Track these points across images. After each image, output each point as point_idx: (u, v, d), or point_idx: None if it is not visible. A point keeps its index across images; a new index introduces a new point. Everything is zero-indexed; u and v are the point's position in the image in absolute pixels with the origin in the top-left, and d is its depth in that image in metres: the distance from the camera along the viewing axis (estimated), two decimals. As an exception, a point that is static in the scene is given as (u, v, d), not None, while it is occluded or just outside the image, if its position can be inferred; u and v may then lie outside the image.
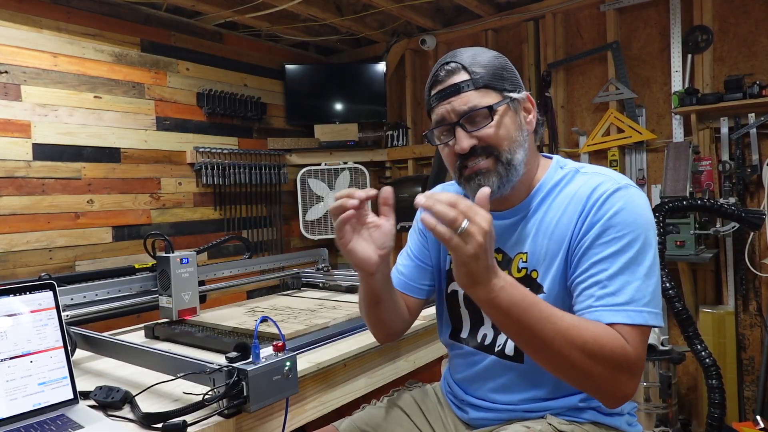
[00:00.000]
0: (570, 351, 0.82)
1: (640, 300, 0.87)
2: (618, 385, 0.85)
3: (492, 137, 0.97)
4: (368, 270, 0.97)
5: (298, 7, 2.99)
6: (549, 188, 1.02)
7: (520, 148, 0.99)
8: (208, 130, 3.25)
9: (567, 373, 0.86)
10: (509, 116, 0.99)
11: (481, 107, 0.97)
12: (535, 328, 0.82)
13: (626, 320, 0.85)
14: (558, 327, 0.82)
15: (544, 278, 0.99)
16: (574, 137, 3.14)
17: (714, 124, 2.68)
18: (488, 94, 0.98)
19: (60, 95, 2.58)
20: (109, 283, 1.54)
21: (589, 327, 0.84)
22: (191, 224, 3.14)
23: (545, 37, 3.18)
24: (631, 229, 0.89)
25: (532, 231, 1.01)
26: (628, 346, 0.84)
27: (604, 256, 0.90)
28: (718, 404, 2.23)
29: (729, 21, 2.67)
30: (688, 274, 2.69)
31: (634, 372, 0.85)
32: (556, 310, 0.84)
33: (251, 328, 1.41)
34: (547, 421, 0.99)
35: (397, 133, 3.73)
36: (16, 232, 2.42)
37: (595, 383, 0.85)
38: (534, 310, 0.82)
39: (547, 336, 0.82)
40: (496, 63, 1.01)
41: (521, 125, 1.01)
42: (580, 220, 0.94)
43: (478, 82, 0.98)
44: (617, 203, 0.91)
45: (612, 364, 0.83)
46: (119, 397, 1.01)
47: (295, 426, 1.17)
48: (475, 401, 1.09)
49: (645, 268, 0.89)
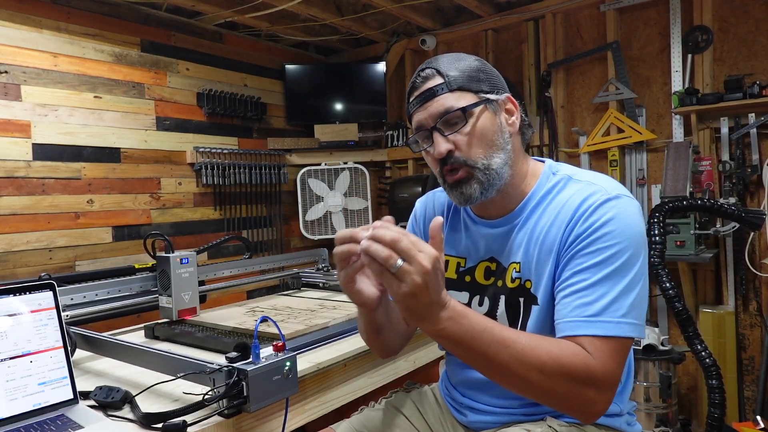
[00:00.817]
0: (527, 373, 0.81)
1: (616, 311, 0.85)
2: (585, 402, 0.83)
3: (468, 141, 0.96)
4: (371, 307, 0.93)
5: (298, 7, 2.99)
6: (541, 196, 1.01)
7: (499, 151, 0.98)
8: (208, 130, 3.25)
9: (529, 393, 0.85)
10: (486, 117, 0.98)
11: (455, 109, 0.96)
12: (488, 355, 0.81)
13: (596, 332, 0.84)
14: (512, 351, 0.81)
15: (537, 289, 0.98)
16: (574, 137, 3.14)
17: (714, 124, 2.68)
18: (463, 96, 0.97)
19: (60, 95, 2.58)
20: (109, 283, 1.54)
21: (546, 346, 0.83)
22: (191, 224, 3.14)
23: (545, 37, 3.18)
24: (618, 241, 0.88)
25: (524, 240, 1.00)
26: (591, 360, 0.83)
27: (587, 266, 0.89)
28: (718, 404, 2.23)
29: (729, 21, 2.67)
30: (688, 274, 2.69)
31: (602, 387, 0.83)
32: (512, 332, 0.83)
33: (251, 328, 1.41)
34: (547, 424, 0.99)
35: (397, 133, 3.73)
36: (16, 232, 2.42)
37: (560, 401, 0.84)
38: (485, 337, 0.81)
39: (502, 360, 0.81)
40: (472, 65, 1.00)
41: (501, 127, 1.00)
42: (568, 229, 0.93)
43: (452, 85, 0.97)
44: (606, 213, 0.90)
45: (574, 381, 0.82)
46: (119, 397, 1.01)
47: (295, 426, 1.17)
48: (473, 404, 1.09)
49: (627, 280, 0.87)
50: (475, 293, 1.08)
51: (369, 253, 0.76)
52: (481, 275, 1.07)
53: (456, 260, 1.12)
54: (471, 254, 1.09)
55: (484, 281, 1.07)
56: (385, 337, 1.07)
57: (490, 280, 1.05)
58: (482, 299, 1.06)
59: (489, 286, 1.05)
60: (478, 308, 1.07)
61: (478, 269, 1.07)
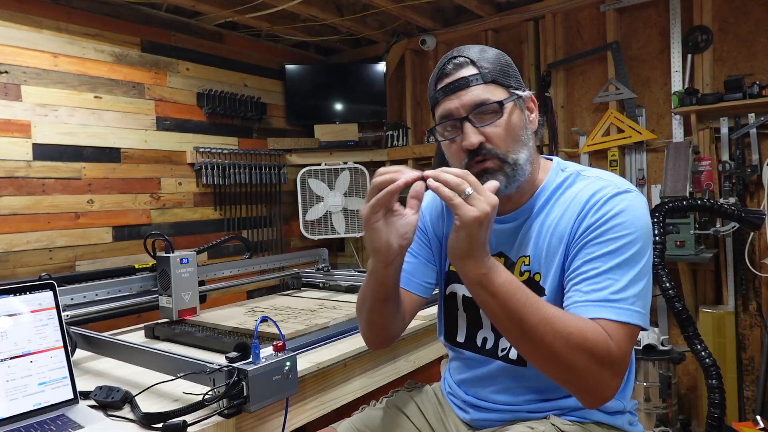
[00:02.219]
0: (553, 340, 0.81)
1: (628, 299, 0.86)
2: (600, 382, 0.83)
3: (500, 135, 0.96)
4: (386, 258, 0.91)
5: (298, 7, 2.99)
6: (551, 191, 1.02)
7: (524, 147, 0.98)
8: (208, 130, 3.25)
9: (549, 363, 0.84)
10: (516, 114, 0.98)
11: (492, 102, 0.95)
12: (520, 313, 0.81)
13: (612, 316, 0.85)
14: (542, 314, 0.81)
15: (545, 280, 0.98)
16: (574, 137, 3.14)
17: (714, 124, 2.68)
18: (497, 90, 0.97)
19: (60, 95, 2.58)
20: (109, 283, 1.54)
21: (574, 319, 0.84)
22: (191, 224, 3.14)
23: (545, 37, 3.18)
24: (628, 232, 0.89)
25: (534, 234, 1.01)
26: (611, 342, 0.83)
27: (597, 255, 0.89)
28: (718, 404, 2.23)
29: (729, 21, 2.67)
30: (688, 274, 2.69)
31: (616, 370, 0.84)
32: (542, 300, 0.84)
33: (251, 328, 1.41)
34: (551, 422, 0.99)
35: (397, 133, 3.73)
36: (16, 232, 2.42)
37: (577, 377, 0.83)
38: (520, 295, 0.82)
39: (532, 322, 0.81)
40: (502, 60, 1.00)
41: (526, 124, 1.01)
42: (578, 221, 0.94)
43: (487, 77, 0.96)
44: (617, 206, 0.91)
45: (595, 358, 0.82)
46: (119, 397, 1.01)
47: (295, 426, 1.17)
48: (476, 402, 1.09)
49: (636, 271, 0.88)
50: None
51: (440, 179, 0.80)
52: None
53: None
54: None
55: None
56: (389, 309, 1.03)
57: None
58: None
59: None
60: None
61: None
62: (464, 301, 1.12)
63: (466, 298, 1.11)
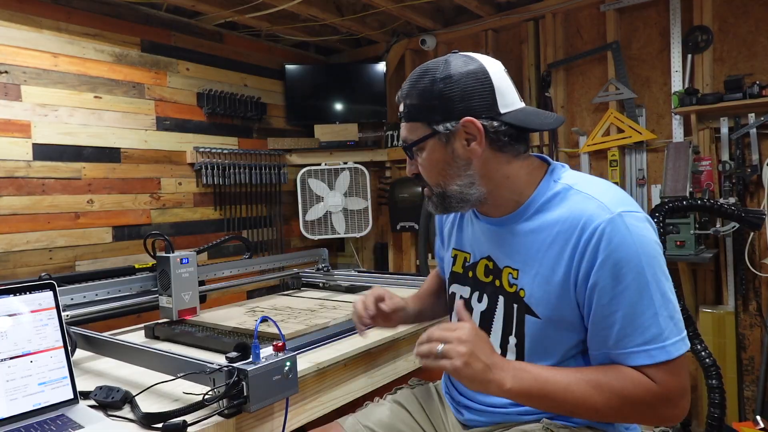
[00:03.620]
0: (598, 411, 0.87)
1: (660, 335, 0.85)
2: (660, 418, 0.88)
3: (424, 169, 1.02)
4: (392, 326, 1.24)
5: (298, 7, 2.99)
6: (539, 206, 0.98)
7: (455, 178, 0.97)
8: (208, 130, 3.25)
9: (607, 421, 0.94)
10: (436, 149, 0.97)
11: (406, 143, 1.02)
12: (557, 402, 0.88)
13: (647, 361, 0.85)
14: (577, 392, 0.87)
15: (533, 302, 0.97)
16: (574, 137, 3.14)
17: (714, 124, 2.67)
18: (415, 128, 1.00)
19: (60, 95, 2.58)
20: (109, 283, 1.54)
21: (610, 379, 0.87)
22: (191, 224, 3.14)
23: (545, 37, 3.18)
24: (634, 263, 0.86)
25: (522, 249, 0.99)
26: (653, 386, 0.85)
27: (613, 297, 0.87)
28: (718, 404, 2.23)
29: (729, 21, 2.67)
30: (688, 274, 2.69)
31: (673, 402, 0.86)
32: (570, 374, 0.89)
33: (251, 328, 1.41)
34: (543, 426, 0.98)
35: (397, 133, 3.73)
36: (16, 232, 2.42)
37: (637, 421, 0.90)
38: (549, 387, 0.88)
39: (572, 405, 0.88)
40: (432, 91, 0.95)
41: (454, 156, 0.96)
42: (576, 258, 0.90)
43: (409, 116, 1.00)
44: (613, 240, 0.87)
45: (642, 407, 0.86)
46: (119, 397, 1.01)
47: (295, 426, 1.17)
48: (468, 403, 1.09)
49: (658, 298, 0.86)
50: (476, 289, 1.09)
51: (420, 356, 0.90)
52: (482, 272, 1.08)
53: (463, 255, 1.14)
54: (474, 250, 1.11)
55: (484, 278, 1.07)
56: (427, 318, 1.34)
57: (489, 278, 1.06)
58: (481, 296, 1.07)
59: (488, 284, 1.06)
60: (477, 304, 1.08)
61: (479, 266, 1.08)
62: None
63: (463, 299, 1.12)
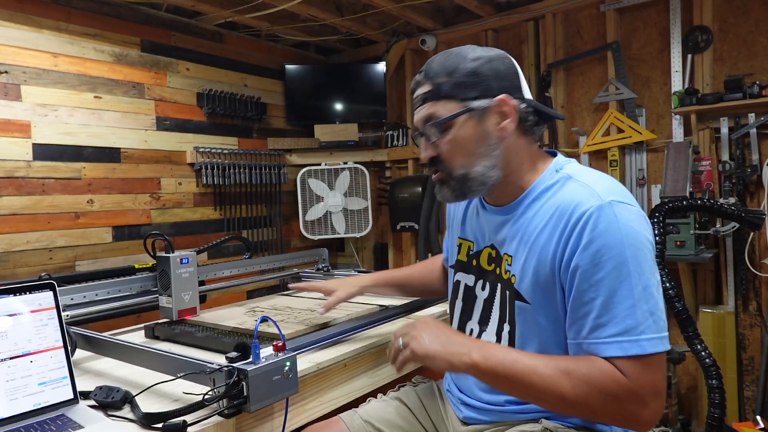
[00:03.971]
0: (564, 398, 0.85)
1: (635, 328, 0.83)
2: (629, 416, 0.84)
3: (448, 150, 1.00)
4: None
5: (298, 7, 2.99)
6: (538, 193, 0.99)
7: (482, 158, 0.98)
8: (208, 130, 3.25)
9: (568, 411, 0.91)
10: (469, 127, 0.98)
11: (435, 121, 0.99)
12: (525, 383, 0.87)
13: (619, 353, 0.83)
14: (544, 379, 0.86)
15: (523, 287, 0.97)
16: (574, 137, 3.14)
17: (714, 124, 2.67)
18: (448, 105, 0.98)
19: (60, 95, 2.58)
20: (109, 283, 1.54)
21: (576, 370, 0.85)
22: (191, 224, 3.14)
23: (545, 37, 3.18)
24: (617, 252, 0.84)
25: (517, 236, 1.00)
26: (623, 378, 0.82)
27: (591, 284, 0.86)
28: (718, 404, 2.23)
29: (729, 21, 2.67)
30: (688, 274, 2.69)
31: (643, 400, 0.83)
32: (539, 358, 0.89)
33: (251, 328, 1.41)
34: (542, 425, 0.99)
35: (397, 133, 3.73)
36: (16, 232, 2.42)
37: (602, 416, 0.87)
38: (517, 366, 0.88)
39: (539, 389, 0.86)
40: (465, 69, 0.97)
41: (486, 134, 0.98)
42: (563, 242, 0.90)
43: (438, 94, 0.99)
44: (599, 225, 0.86)
45: (609, 399, 0.83)
46: (119, 397, 1.01)
47: (295, 426, 1.17)
48: (467, 399, 1.10)
49: (639, 290, 0.84)
50: (480, 277, 1.11)
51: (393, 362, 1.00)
52: (485, 261, 1.09)
53: (467, 243, 1.15)
54: (478, 239, 1.12)
55: (487, 267, 1.09)
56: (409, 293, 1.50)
57: (492, 266, 1.07)
58: (485, 284, 1.09)
59: (490, 272, 1.08)
60: (481, 292, 1.09)
61: (483, 254, 1.10)
62: (465, 291, 1.14)
63: (467, 287, 1.13)
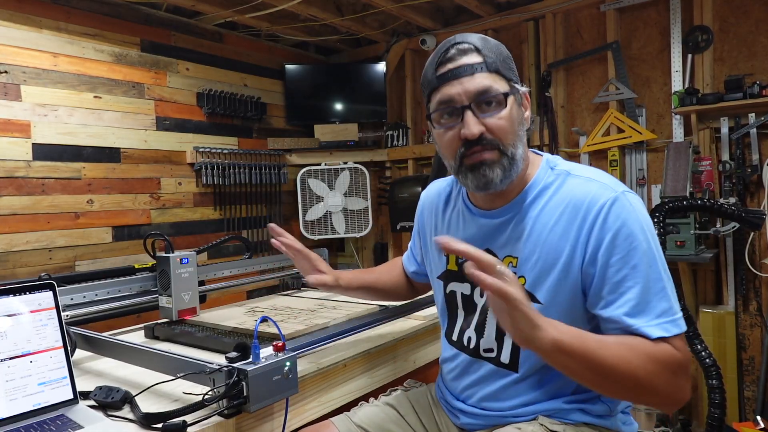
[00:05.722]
0: (635, 375, 0.83)
1: (670, 309, 0.88)
2: (679, 391, 0.88)
3: (502, 127, 0.93)
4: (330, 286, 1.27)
5: (298, 7, 2.99)
6: (540, 189, 0.99)
7: (520, 141, 0.97)
8: (208, 130, 3.25)
9: (632, 393, 0.88)
10: (515, 107, 0.97)
11: (498, 92, 0.93)
12: (598, 359, 0.82)
13: (665, 333, 0.86)
14: (614, 352, 0.83)
15: (535, 288, 0.96)
16: (574, 137, 3.14)
17: (714, 124, 2.67)
18: (500, 81, 0.95)
19: (60, 95, 2.58)
20: (109, 283, 1.54)
21: (640, 347, 0.86)
22: (191, 224, 3.14)
23: (545, 37, 3.18)
24: (641, 239, 0.89)
25: (523, 235, 0.98)
26: (678, 353, 0.86)
27: (626, 274, 0.88)
28: (718, 404, 2.23)
29: (729, 21, 2.67)
30: (688, 274, 2.69)
31: (688, 375, 0.89)
32: (598, 336, 0.87)
33: (251, 328, 1.41)
34: (539, 422, 0.98)
35: (397, 133, 3.73)
36: (16, 232, 2.42)
37: (659, 396, 0.87)
38: (589, 342, 0.83)
39: (611, 365, 0.83)
40: (503, 52, 0.99)
41: (522, 118, 0.99)
42: (584, 235, 0.92)
43: (492, 66, 0.94)
44: (621, 215, 0.90)
45: (670, 375, 0.86)
46: (119, 397, 1.00)
47: (295, 426, 1.17)
48: (465, 408, 1.09)
49: (662, 270, 0.89)
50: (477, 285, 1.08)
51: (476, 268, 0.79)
52: None
53: None
54: None
55: None
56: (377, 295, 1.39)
57: None
58: (483, 291, 1.06)
59: None
60: (480, 299, 1.08)
61: None
62: (463, 300, 1.12)
63: (464, 296, 1.11)
